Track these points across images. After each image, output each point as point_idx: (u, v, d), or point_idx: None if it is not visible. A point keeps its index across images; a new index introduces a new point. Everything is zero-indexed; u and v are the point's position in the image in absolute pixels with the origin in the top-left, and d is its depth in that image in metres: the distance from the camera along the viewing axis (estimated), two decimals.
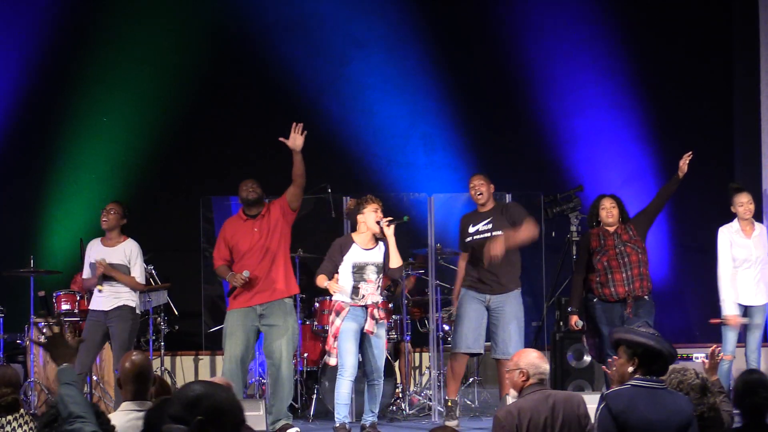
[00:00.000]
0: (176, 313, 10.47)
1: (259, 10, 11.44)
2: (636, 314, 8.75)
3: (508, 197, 9.50)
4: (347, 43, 11.54)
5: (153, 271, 10.29)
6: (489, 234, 8.74)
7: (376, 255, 8.33)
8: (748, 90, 11.11)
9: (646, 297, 8.87)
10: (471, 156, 11.33)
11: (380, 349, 8.33)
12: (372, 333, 8.24)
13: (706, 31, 11.52)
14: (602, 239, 8.92)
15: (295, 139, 8.44)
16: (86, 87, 11.26)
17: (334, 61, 11.55)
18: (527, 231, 8.64)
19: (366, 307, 8.26)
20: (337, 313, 8.28)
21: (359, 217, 8.40)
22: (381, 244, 8.39)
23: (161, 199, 11.33)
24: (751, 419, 4.86)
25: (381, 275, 8.34)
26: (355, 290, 8.27)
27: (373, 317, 8.25)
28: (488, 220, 8.81)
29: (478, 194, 8.81)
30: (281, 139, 8.45)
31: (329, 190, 9.99)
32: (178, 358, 10.90)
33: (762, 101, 10.88)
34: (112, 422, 4.85)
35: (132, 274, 8.92)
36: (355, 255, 8.32)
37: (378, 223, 8.27)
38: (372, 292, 8.29)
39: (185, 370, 10.92)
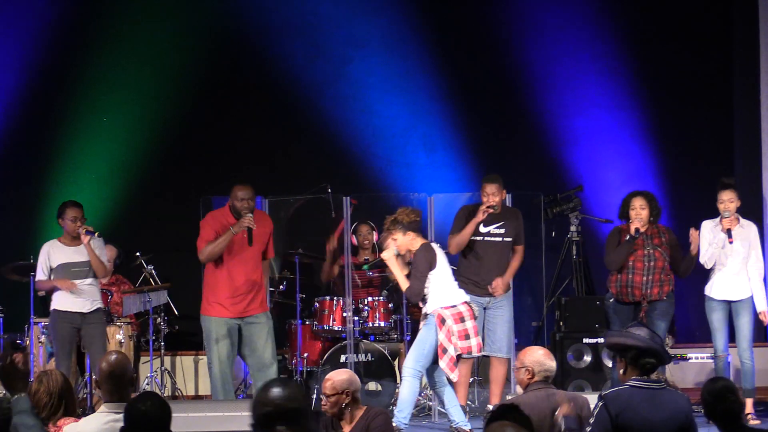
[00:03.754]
0: (176, 313, 10.47)
1: (259, 10, 11.43)
2: (650, 317, 8.74)
3: (508, 197, 9.50)
4: (347, 43, 11.54)
5: (153, 271, 10.29)
6: (501, 239, 8.82)
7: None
8: (748, 90, 11.11)
9: (664, 298, 8.86)
10: (471, 156, 11.33)
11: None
12: None
13: (706, 31, 11.51)
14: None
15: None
16: (86, 87, 11.26)
17: (334, 61, 11.54)
18: (518, 262, 8.98)
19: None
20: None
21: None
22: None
23: (161, 199, 11.32)
24: (726, 425, 4.87)
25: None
26: None
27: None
28: (501, 223, 8.85)
29: (492, 205, 8.78)
30: None
31: (329, 190, 9.99)
32: (178, 358, 10.89)
33: (762, 101, 10.87)
34: (89, 424, 4.82)
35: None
36: None
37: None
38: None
39: (185, 370, 10.91)
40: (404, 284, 8.20)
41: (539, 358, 5.70)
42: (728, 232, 8.84)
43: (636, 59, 11.44)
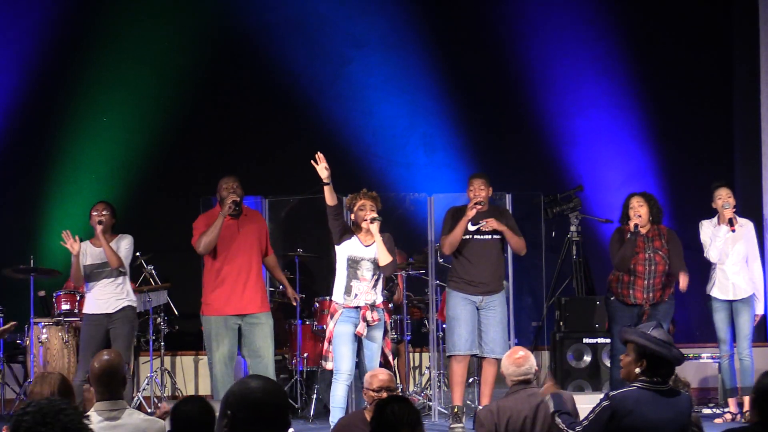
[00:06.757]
0: (176, 313, 10.48)
1: (259, 10, 11.44)
2: (652, 319, 8.72)
3: (508, 197, 9.49)
4: (347, 43, 11.55)
5: (153, 271, 10.29)
6: (490, 236, 8.70)
7: (374, 251, 7.93)
8: (748, 90, 11.11)
9: (665, 300, 8.85)
10: (471, 156, 11.34)
11: (373, 351, 7.96)
12: (362, 335, 7.88)
13: (706, 31, 11.52)
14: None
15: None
16: (86, 87, 11.27)
17: (334, 61, 11.55)
18: (520, 241, 8.66)
19: (359, 308, 7.90)
20: (332, 316, 7.98)
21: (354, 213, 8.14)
22: None
23: (161, 199, 11.33)
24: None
25: (379, 274, 7.99)
26: (348, 289, 7.93)
27: (364, 319, 7.87)
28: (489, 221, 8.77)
29: (479, 201, 8.69)
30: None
31: None
32: (178, 358, 10.90)
33: (762, 101, 10.88)
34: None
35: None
36: (352, 248, 7.96)
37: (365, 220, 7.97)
38: (365, 291, 7.91)
39: (185, 370, 10.92)
40: (388, 257, 7.93)
41: (512, 361, 5.74)
42: (730, 221, 8.86)
43: (636, 59, 11.45)
